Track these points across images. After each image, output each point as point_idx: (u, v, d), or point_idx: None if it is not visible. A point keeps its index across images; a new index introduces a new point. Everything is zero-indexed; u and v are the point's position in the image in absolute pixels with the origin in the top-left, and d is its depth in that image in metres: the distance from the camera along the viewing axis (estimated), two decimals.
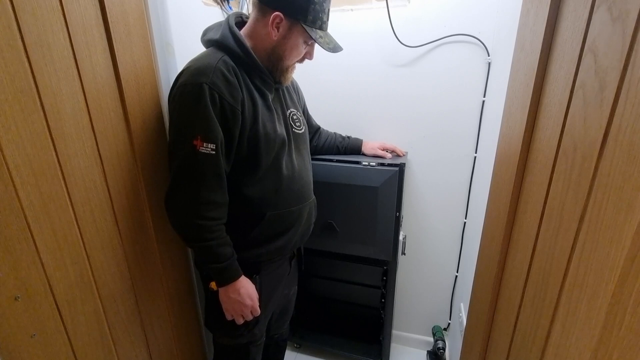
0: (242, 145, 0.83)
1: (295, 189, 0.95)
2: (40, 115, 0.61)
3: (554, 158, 0.59)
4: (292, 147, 0.94)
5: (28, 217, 0.61)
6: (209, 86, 0.75)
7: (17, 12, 0.56)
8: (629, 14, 0.41)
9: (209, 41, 0.85)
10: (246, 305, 0.88)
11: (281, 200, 0.92)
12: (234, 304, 0.88)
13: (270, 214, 0.90)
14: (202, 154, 0.76)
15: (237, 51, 0.82)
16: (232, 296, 0.87)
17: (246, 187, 0.87)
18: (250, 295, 0.89)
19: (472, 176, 1.37)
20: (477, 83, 1.26)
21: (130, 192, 0.84)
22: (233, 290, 0.86)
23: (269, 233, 0.93)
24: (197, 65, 0.78)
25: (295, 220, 0.97)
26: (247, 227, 0.90)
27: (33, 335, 0.63)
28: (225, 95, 0.77)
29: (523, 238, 0.72)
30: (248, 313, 0.90)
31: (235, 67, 0.81)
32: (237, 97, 0.79)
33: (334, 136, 1.32)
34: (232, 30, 0.83)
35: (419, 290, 1.62)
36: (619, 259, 0.39)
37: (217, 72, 0.77)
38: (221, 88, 0.76)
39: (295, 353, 1.66)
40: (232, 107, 0.78)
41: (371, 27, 1.30)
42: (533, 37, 0.70)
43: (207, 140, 0.76)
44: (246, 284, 0.89)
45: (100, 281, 0.77)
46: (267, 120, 0.86)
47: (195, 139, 0.75)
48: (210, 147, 0.76)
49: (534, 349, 0.63)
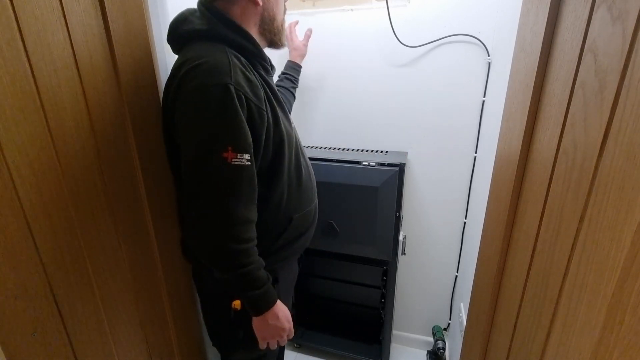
0: (268, 149, 0.75)
1: (311, 187, 0.94)
2: (40, 115, 0.61)
3: (554, 158, 0.59)
4: (299, 143, 0.92)
5: (28, 217, 0.60)
6: (234, 87, 0.64)
7: (17, 12, 0.56)
8: (629, 14, 0.41)
9: (192, 33, 0.73)
10: (285, 329, 0.81)
11: (303, 201, 0.90)
12: (273, 330, 0.80)
13: (296, 216, 0.87)
14: (235, 166, 0.66)
15: (237, 39, 0.72)
16: (271, 322, 0.78)
17: (273, 192, 0.80)
18: (288, 318, 0.82)
19: (472, 176, 1.37)
20: (477, 83, 1.26)
21: (130, 192, 0.83)
22: (272, 316, 0.77)
23: (293, 236, 0.90)
24: (211, 63, 0.66)
25: (313, 219, 0.97)
26: (276, 233, 0.85)
27: (33, 335, 0.63)
28: (250, 96, 0.68)
29: (523, 238, 0.72)
30: (285, 336, 0.83)
31: (246, 60, 0.72)
32: (260, 95, 0.71)
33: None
34: (222, 17, 0.72)
35: (419, 290, 1.62)
36: (619, 259, 0.39)
37: (236, 69, 0.67)
38: (245, 88, 0.67)
39: (295, 353, 1.66)
40: (259, 109, 0.70)
41: (371, 27, 1.30)
42: (533, 37, 0.70)
43: (240, 151, 0.66)
44: (282, 307, 0.81)
45: (100, 281, 0.77)
46: (284, 118, 0.80)
47: (226, 150, 0.65)
48: (245, 157, 0.67)
49: (534, 349, 0.63)
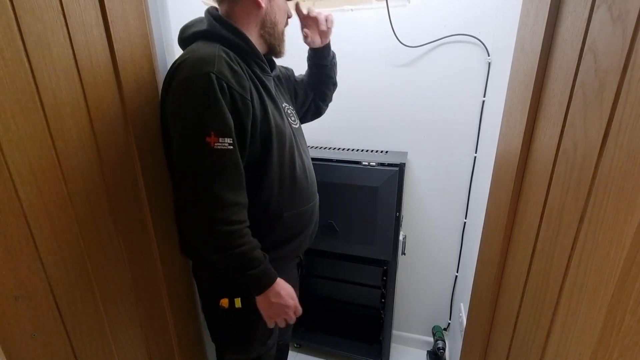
0: (255, 141, 0.77)
1: (307, 186, 0.92)
2: (40, 115, 0.61)
3: (554, 158, 0.59)
4: (299, 143, 0.91)
5: (28, 217, 0.60)
6: (216, 75, 0.68)
7: (17, 12, 0.56)
8: (629, 14, 0.41)
9: (194, 35, 0.79)
10: (289, 306, 0.82)
11: (296, 199, 0.89)
12: (276, 308, 0.81)
13: (287, 214, 0.87)
14: (218, 150, 0.69)
15: (233, 39, 0.76)
16: (273, 300, 0.80)
17: (261, 188, 0.82)
18: (291, 295, 0.83)
19: (472, 176, 1.37)
20: (477, 83, 1.26)
21: (130, 192, 0.83)
22: (274, 294, 0.79)
23: (285, 235, 0.89)
24: (197, 56, 0.71)
25: (309, 219, 0.95)
26: (264, 230, 0.84)
27: (33, 335, 0.63)
28: (233, 85, 0.71)
29: (523, 238, 0.72)
30: (292, 314, 0.84)
31: (235, 56, 0.76)
32: (245, 85, 0.73)
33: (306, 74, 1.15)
34: (222, 19, 0.77)
35: (419, 290, 1.62)
36: (619, 259, 0.39)
37: (220, 60, 0.71)
38: (228, 77, 0.70)
39: (295, 353, 1.66)
40: (242, 97, 0.72)
41: (371, 27, 1.30)
42: (533, 37, 0.70)
43: (222, 135, 0.69)
44: (284, 284, 0.82)
45: (100, 281, 0.77)
46: (276, 112, 0.82)
47: (209, 135, 0.68)
48: (227, 141, 0.70)
49: (534, 349, 0.63)
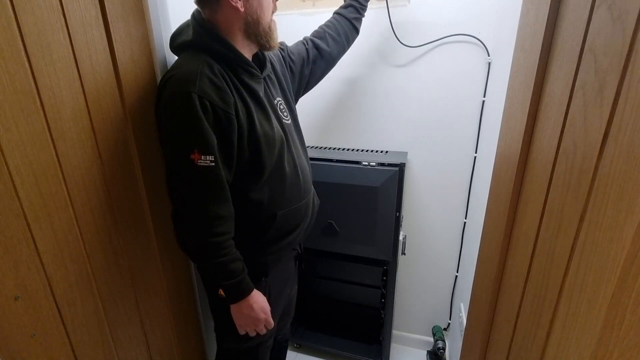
0: (243, 150, 0.80)
1: (299, 183, 0.94)
2: (40, 115, 0.61)
3: (554, 158, 0.59)
4: (290, 141, 0.93)
5: (28, 217, 0.60)
6: (198, 95, 0.72)
7: (17, 12, 0.56)
8: (629, 14, 0.41)
9: (182, 44, 0.81)
10: (260, 319, 0.87)
11: (289, 198, 0.91)
12: (247, 319, 0.87)
13: (281, 213, 0.90)
14: (201, 167, 0.74)
15: (217, 47, 0.78)
16: (245, 312, 0.85)
17: (253, 191, 0.85)
18: (264, 309, 0.88)
19: (472, 176, 1.37)
20: (477, 83, 1.26)
21: (130, 192, 0.84)
22: (246, 305, 0.84)
23: (281, 232, 0.93)
24: (181, 73, 0.74)
25: (304, 214, 0.97)
26: (260, 230, 0.89)
27: (33, 335, 0.63)
28: (216, 102, 0.74)
29: (523, 238, 0.72)
30: (262, 327, 0.89)
31: (221, 68, 0.78)
32: (228, 101, 0.76)
33: (335, 24, 1.12)
34: (205, 26, 0.78)
35: (419, 290, 1.62)
36: (619, 259, 0.39)
37: (203, 78, 0.73)
38: (211, 95, 0.73)
39: (295, 353, 1.66)
40: (225, 113, 0.75)
41: (371, 27, 1.30)
42: (533, 37, 0.70)
43: (205, 153, 0.73)
44: (258, 298, 0.87)
45: (100, 281, 0.77)
46: (263, 120, 0.84)
47: (193, 153, 0.73)
48: (209, 159, 0.74)
49: (534, 349, 0.63)
